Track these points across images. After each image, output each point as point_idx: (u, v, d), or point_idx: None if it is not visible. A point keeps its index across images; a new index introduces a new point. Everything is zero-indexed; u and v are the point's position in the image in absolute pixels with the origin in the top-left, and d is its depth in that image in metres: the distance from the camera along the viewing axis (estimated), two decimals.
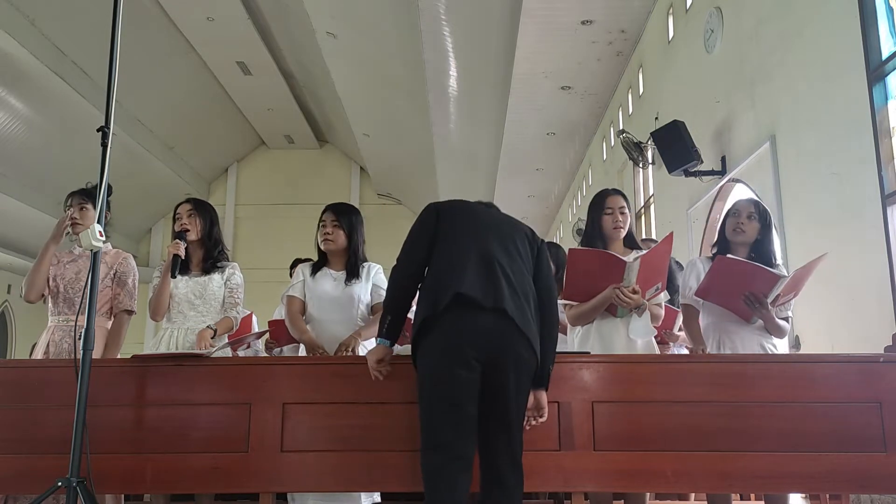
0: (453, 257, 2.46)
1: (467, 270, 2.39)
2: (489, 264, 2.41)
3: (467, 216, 2.59)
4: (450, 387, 2.30)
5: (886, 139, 4.04)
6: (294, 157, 18.54)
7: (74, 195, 3.37)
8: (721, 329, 3.08)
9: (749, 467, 2.54)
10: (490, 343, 2.33)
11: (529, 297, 2.45)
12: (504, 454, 2.35)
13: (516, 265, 2.47)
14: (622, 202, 3.09)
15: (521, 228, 2.63)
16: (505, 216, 2.70)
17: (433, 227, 2.54)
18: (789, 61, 5.06)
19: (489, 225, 2.56)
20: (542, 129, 11.38)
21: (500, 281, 2.38)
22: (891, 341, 2.70)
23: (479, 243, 2.47)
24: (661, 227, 8.24)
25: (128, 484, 2.66)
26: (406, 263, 2.53)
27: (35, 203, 12.61)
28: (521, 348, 2.36)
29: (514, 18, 8.30)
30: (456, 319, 2.33)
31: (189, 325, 3.25)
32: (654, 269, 2.90)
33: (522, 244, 2.55)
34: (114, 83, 2.52)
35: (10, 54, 10.16)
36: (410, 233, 2.60)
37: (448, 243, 2.50)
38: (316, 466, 2.61)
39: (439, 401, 2.32)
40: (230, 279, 3.35)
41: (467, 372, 2.30)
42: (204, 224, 3.34)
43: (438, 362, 2.33)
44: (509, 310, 2.34)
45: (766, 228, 3.13)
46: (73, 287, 3.33)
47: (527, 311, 2.40)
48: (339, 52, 11.44)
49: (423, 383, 2.37)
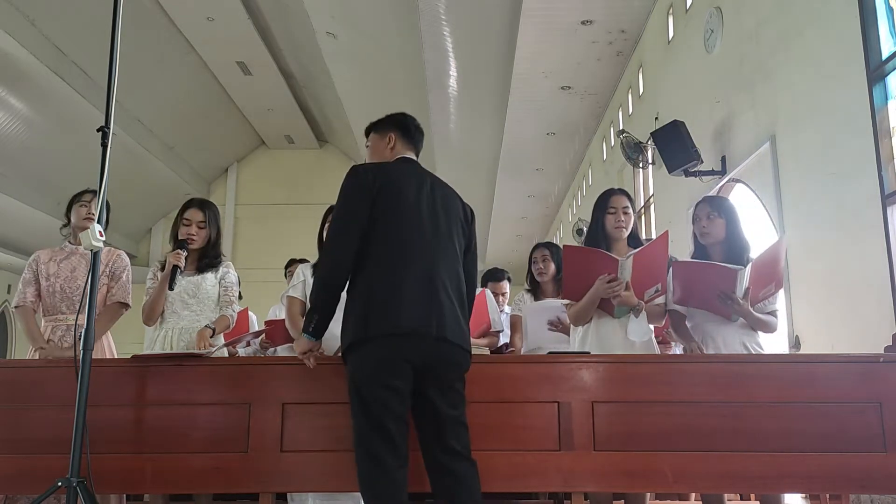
0: (390, 271, 2.36)
1: (405, 293, 2.32)
2: (430, 281, 2.36)
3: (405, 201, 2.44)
4: (382, 399, 2.30)
5: (886, 139, 4.04)
6: (294, 157, 18.53)
7: (84, 193, 3.36)
8: (703, 330, 3.04)
9: (749, 467, 2.54)
10: (426, 359, 2.34)
11: (463, 294, 2.48)
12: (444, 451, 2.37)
13: (453, 269, 2.45)
14: (625, 202, 3.08)
15: (456, 214, 2.55)
16: (443, 191, 2.56)
17: (365, 208, 2.40)
18: (789, 61, 5.06)
19: (428, 215, 2.45)
20: (542, 129, 11.39)
21: (442, 304, 2.35)
22: (891, 341, 2.70)
23: (420, 253, 2.39)
24: (661, 227, 8.24)
25: (128, 484, 2.66)
26: (337, 257, 2.40)
27: (35, 203, 12.61)
28: (457, 357, 2.41)
29: (514, 18, 8.30)
30: (393, 343, 2.31)
31: (183, 324, 3.24)
32: (650, 267, 2.88)
33: (458, 235, 2.52)
34: (114, 83, 2.52)
35: (10, 54, 10.15)
36: (338, 211, 2.44)
37: (383, 245, 2.39)
38: (316, 466, 2.61)
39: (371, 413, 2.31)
40: (224, 277, 3.33)
41: (401, 382, 2.32)
42: (210, 235, 3.33)
43: (371, 376, 2.32)
44: (450, 335, 2.35)
45: (731, 223, 3.06)
46: (70, 285, 3.33)
47: (461, 317, 2.43)
48: (339, 52, 11.44)
49: (355, 393, 2.35)
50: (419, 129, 2.74)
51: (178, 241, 3.25)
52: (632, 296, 2.87)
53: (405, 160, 2.62)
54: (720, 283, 2.88)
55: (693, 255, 3.16)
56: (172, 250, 3.22)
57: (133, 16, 10.32)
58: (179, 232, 3.28)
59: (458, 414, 2.41)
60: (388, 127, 2.71)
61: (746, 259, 2.96)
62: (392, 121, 2.73)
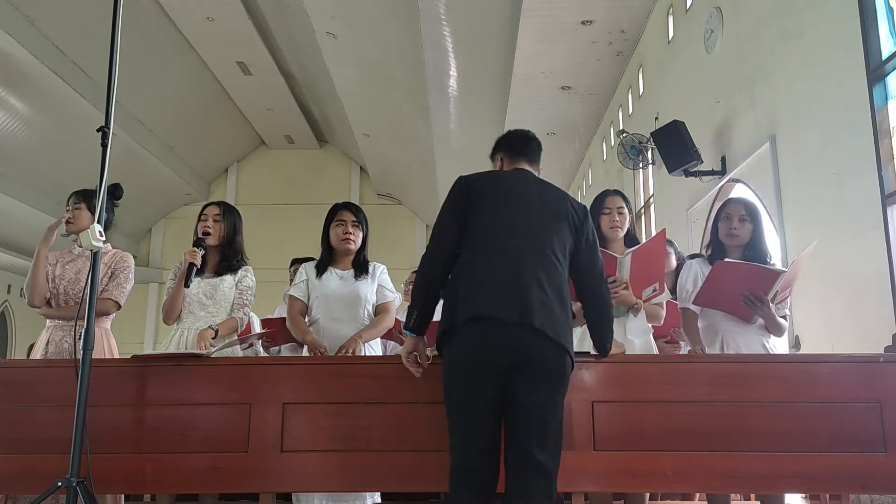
0: (479, 263, 2.38)
1: (489, 283, 2.32)
2: (518, 273, 2.33)
3: (502, 203, 2.46)
4: (469, 395, 2.28)
5: (886, 139, 4.04)
6: (294, 157, 18.53)
7: (72, 195, 3.37)
8: (723, 330, 3.06)
9: (749, 467, 2.54)
10: (510, 353, 2.28)
11: (563, 292, 2.39)
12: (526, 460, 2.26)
13: (549, 262, 2.38)
14: (620, 202, 3.09)
15: (561, 211, 2.48)
16: (547, 194, 2.53)
17: (463, 212, 2.44)
18: (789, 61, 5.06)
19: (524, 215, 2.44)
20: (542, 129, 11.37)
21: (529, 292, 2.30)
22: (891, 341, 2.70)
23: (511, 245, 2.38)
24: (661, 227, 8.23)
25: (128, 484, 2.66)
26: (434, 254, 2.45)
27: (35, 203, 12.60)
28: (546, 352, 2.30)
29: (514, 18, 8.30)
30: (476, 332, 2.30)
31: (199, 325, 3.23)
32: (648, 266, 2.89)
33: (560, 232, 2.44)
34: (114, 83, 2.52)
35: (10, 54, 10.15)
36: (439, 216, 2.50)
37: (477, 238, 2.42)
38: (316, 466, 2.61)
39: (459, 409, 2.31)
40: (242, 281, 3.33)
41: (487, 380, 2.27)
42: (227, 231, 3.33)
43: (459, 372, 2.32)
44: (537, 322, 2.28)
45: (758, 228, 3.10)
46: (74, 287, 3.33)
47: (557, 312, 2.33)
48: (339, 52, 11.43)
49: (446, 390, 2.35)
50: (527, 139, 2.70)
51: (196, 240, 3.27)
52: (630, 294, 2.88)
53: (515, 170, 2.62)
54: (757, 285, 2.89)
55: (709, 254, 3.16)
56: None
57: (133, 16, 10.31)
58: (198, 228, 3.30)
59: (544, 415, 2.27)
60: (496, 151, 2.74)
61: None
62: (497, 144, 2.74)
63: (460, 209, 2.46)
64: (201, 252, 3.22)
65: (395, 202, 18.40)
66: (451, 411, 2.33)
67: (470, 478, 2.27)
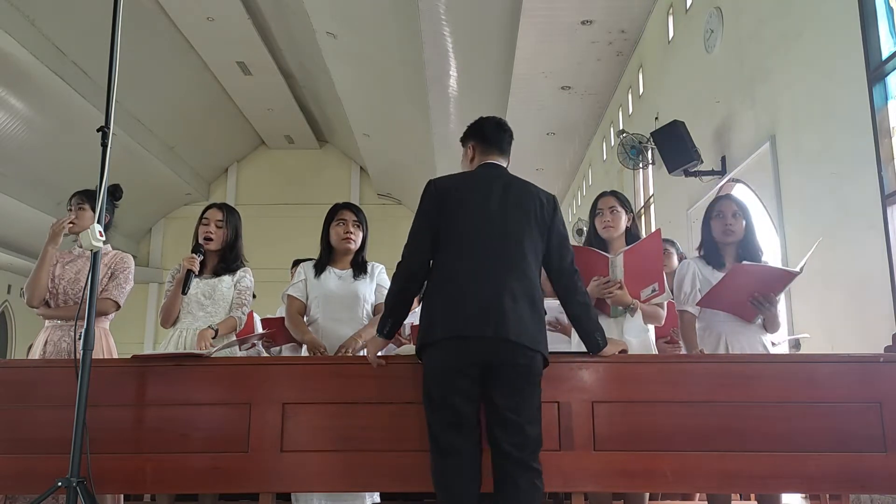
0: (454, 276, 2.44)
1: (466, 301, 2.39)
2: (492, 285, 2.39)
3: (474, 208, 2.50)
4: (447, 397, 2.37)
5: (886, 139, 4.04)
6: (294, 157, 18.54)
7: (75, 196, 3.37)
8: (726, 331, 3.06)
9: (749, 467, 2.54)
10: (486, 361, 2.38)
11: (535, 295, 2.45)
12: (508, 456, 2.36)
13: (519, 269, 2.44)
14: (612, 201, 3.08)
15: (531, 208, 2.51)
16: (516, 192, 2.54)
17: (434, 218, 2.50)
18: (789, 61, 5.06)
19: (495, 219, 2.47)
20: (542, 129, 11.39)
21: (503, 305, 2.37)
22: (891, 341, 2.70)
23: (483, 253, 2.44)
24: (661, 227, 8.24)
25: (128, 484, 2.66)
26: (408, 267, 2.52)
27: (35, 203, 12.61)
28: (519, 358, 2.38)
29: (514, 18, 8.30)
30: (454, 347, 2.38)
31: (198, 325, 3.23)
32: (643, 266, 2.88)
33: (531, 233, 2.48)
34: (114, 83, 2.52)
35: (10, 54, 10.16)
36: (413, 224, 2.56)
37: (451, 246, 2.47)
38: (316, 466, 2.61)
39: (437, 409, 2.40)
40: (240, 281, 3.34)
41: (465, 383, 2.37)
42: (229, 235, 3.34)
43: (437, 375, 2.41)
44: (513, 335, 2.36)
45: (750, 224, 3.11)
46: (74, 287, 3.33)
47: (529, 318, 2.40)
48: (339, 52, 11.44)
49: (425, 393, 2.45)
50: (499, 127, 2.69)
51: (195, 245, 3.28)
52: (625, 294, 2.88)
53: (484, 166, 2.63)
54: (771, 287, 2.91)
55: (702, 253, 3.17)
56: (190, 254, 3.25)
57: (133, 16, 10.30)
58: (199, 232, 3.31)
59: (519, 419, 2.37)
60: (467, 138, 2.73)
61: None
62: (469, 131, 2.73)
63: (432, 215, 2.52)
64: (199, 258, 3.23)
65: (395, 202, 18.41)
66: (429, 410, 2.43)
67: (450, 477, 2.36)
